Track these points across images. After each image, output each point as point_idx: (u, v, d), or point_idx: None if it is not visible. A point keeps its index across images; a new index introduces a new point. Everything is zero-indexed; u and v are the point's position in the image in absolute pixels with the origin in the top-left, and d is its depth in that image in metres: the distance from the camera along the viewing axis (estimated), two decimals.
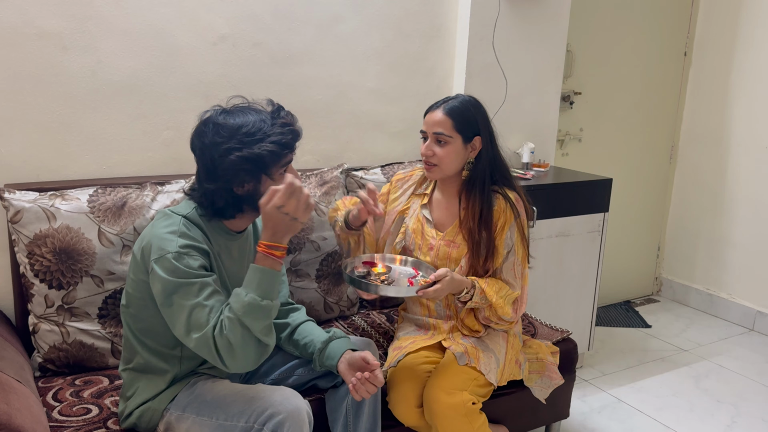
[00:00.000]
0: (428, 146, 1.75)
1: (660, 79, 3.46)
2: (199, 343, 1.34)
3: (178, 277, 1.35)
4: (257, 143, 1.38)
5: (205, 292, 1.35)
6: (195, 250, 1.39)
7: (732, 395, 2.66)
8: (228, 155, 1.37)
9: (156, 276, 1.36)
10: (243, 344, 1.32)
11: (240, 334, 1.32)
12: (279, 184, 1.36)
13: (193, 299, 1.34)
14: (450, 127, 1.71)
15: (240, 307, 1.32)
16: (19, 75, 1.82)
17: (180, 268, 1.35)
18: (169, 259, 1.35)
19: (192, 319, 1.34)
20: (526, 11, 2.62)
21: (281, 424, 1.34)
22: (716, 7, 3.38)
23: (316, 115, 2.32)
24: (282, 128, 1.41)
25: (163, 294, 1.36)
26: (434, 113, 1.74)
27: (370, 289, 1.60)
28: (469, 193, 1.77)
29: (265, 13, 2.15)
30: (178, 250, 1.36)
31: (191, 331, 1.34)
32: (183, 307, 1.34)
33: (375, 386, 1.49)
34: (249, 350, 1.34)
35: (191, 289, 1.35)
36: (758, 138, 3.25)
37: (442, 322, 1.84)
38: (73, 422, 1.52)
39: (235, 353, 1.32)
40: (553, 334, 2.10)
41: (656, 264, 3.80)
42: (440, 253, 1.79)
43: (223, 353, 1.32)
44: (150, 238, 1.41)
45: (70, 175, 1.95)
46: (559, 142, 3.16)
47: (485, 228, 1.74)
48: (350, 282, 1.64)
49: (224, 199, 1.42)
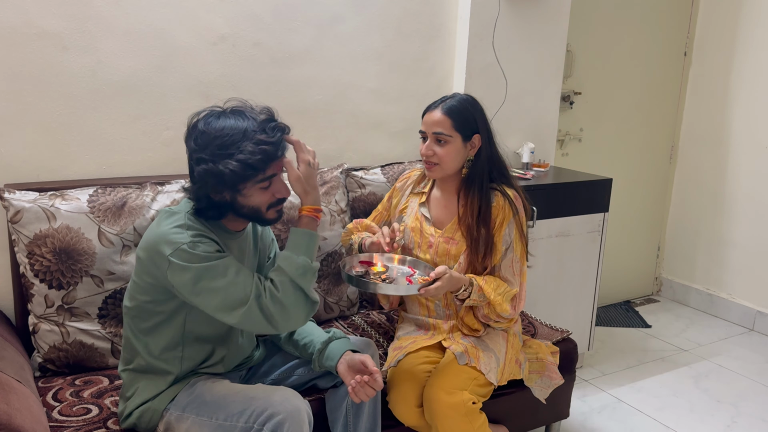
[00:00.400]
0: (428, 146, 1.75)
1: (660, 79, 3.46)
2: (244, 318, 1.37)
3: (199, 262, 1.36)
4: (225, 159, 1.36)
5: (231, 271, 1.37)
6: (206, 238, 1.40)
7: (732, 395, 2.66)
8: (198, 165, 1.38)
9: (176, 268, 1.36)
10: (296, 304, 1.39)
11: (293, 295, 1.39)
12: (258, 196, 1.42)
13: (222, 280, 1.36)
14: (449, 127, 1.72)
15: (294, 269, 1.40)
16: (19, 75, 1.82)
17: (197, 254, 1.36)
18: (185, 249, 1.36)
19: (229, 300, 1.36)
20: (526, 11, 2.62)
21: (281, 425, 1.34)
22: (716, 7, 3.38)
23: (316, 115, 2.32)
24: (256, 146, 1.36)
25: (190, 284, 1.36)
26: (433, 113, 1.74)
27: (369, 288, 1.60)
28: (468, 190, 1.78)
29: (265, 13, 2.15)
30: (191, 239, 1.37)
31: (234, 310, 1.37)
32: (214, 290, 1.36)
33: (374, 389, 1.49)
34: (300, 309, 1.41)
35: (216, 270, 1.36)
36: (758, 138, 3.25)
37: (442, 322, 1.84)
38: (73, 422, 1.52)
39: (289, 314, 1.38)
40: (553, 334, 2.10)
41: (656, 264, 3.80)
42: (439, 250, 1.80)
43: (277, 316, 1.37)
44: (156, 237, 1.40)
45: (70, 175, 1.95)
46: (559, 142, 3.16)
47: (484, 225, 1.74)
48: (348, 281, 1.64)
49: (204, 202, 1.43)
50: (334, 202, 2.14)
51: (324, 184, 2.14)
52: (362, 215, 2.23)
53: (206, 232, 1.42)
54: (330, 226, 2.11)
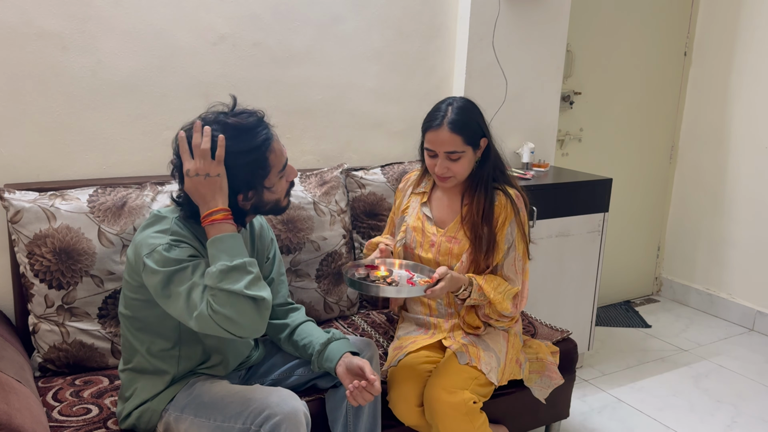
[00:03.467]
0: (442, 165, 1.74)
1: (660, 79, 3.46)
2: (201, 323, 1.31)
3: (171, 266, 1.35)
4: (246, 162, 1.40)
5: (198, 272, 1.35)
6: (185, 243, 1.39)
7: (732, 395, 2.66)
8: None
9: (149, 270, 1.36)
10: (238, 311, 1.29)
11: (229, 302, 1.29)
12: (280, 185, 1.42)
13: (188, 282, 1.34)
14: (460, 143, 1.71)
15: (214, 278, 1.30)
16: (19, 75, 1.82)
17: (171, 258, 1.35)
18: (159, 251, 1.35)
19: (191, 301, 1.33)
20: (526, 11, 2.62)
21: (278, 426, 1.34)
22: (716, 7, 3.38)
23: (316, 115, 2.32)
24: (261, 138, 1.41)
25: (159, 286, 1.36)
26: (439, 133, 1.71)
27: (372, 291, 1.60)
28: (473, 190, 1.79)
29: (265, 13, 2.15)
30: (168, 242, 1.37)
31: (192, 312, 1.32)
32: (179, 294, 1.34)
33: (372, 394, 1.48)
34: (247, 314, 1.30)
35: (185, 273, 1.35)
36: (758, 138, 3.25)
37: (443, 321, 1.85)
38: (73, 422, 1.52)
39: (237, 322, 1.29)
40: (553, 334, 2.10)
41: (656, 264, 3.80)
42: (442, 249, 1.80)
43: (227, 326, 1.30)
44: (140, 239, 1.41)
45: (70, 175, 1.95)
46: (559, 142, 3.16)
47: (487, 224, 1.75)
48: (351, 285, 1.63)
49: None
50: (334, 202, 2.14)
51: (324, 184, 2.14)
52: (362, 215, 2.23)
53: (189, 239, 1.41)
54: (330, 226, 2.11)
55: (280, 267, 1.74)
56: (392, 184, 2.27)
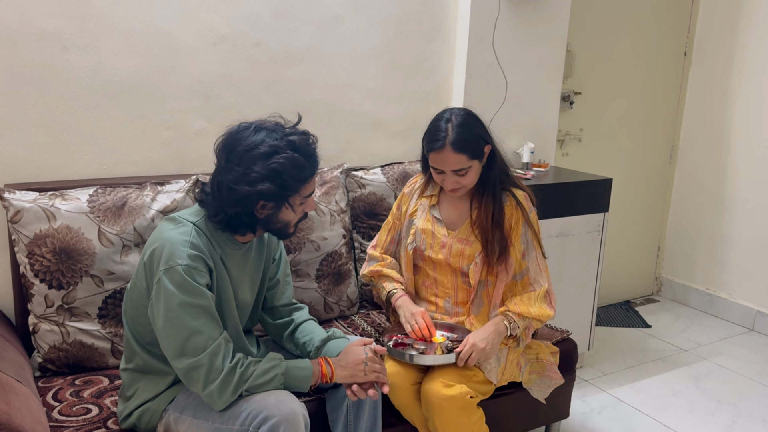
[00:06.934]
0: (451, 181, 1.74)
1: (660, 79, 3.46)
2: (189, 366, 1.37)
3: (185, 292, 1.36)
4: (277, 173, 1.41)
5: (202, 318, 1.38)
6: (203, 265, 1.41)
7: (732, 395, 2.66)
8: (248, 183, 1.39)
9: (162, 286, 1.37)
10: (234, 390, 1.39)
11: (246, 386, 1.41)
12: (299, 210, 1.49)
13: (193, 322, 1.36)
14: (466, 160, 1.71)
15: (267, 374, 1.43)
16: (19, 75, 1.82)
17: (188, 281, 1.37)
18: (179, 271, 1.36)
19: (189, 344, 1.36)
20: (526, 11, 2.62)
21: (276, 428, 1.34)
22: (716, 7, 3.38)
23: (316, 115, 2.32)
24: (304, 159, 1.44)
25: (164, 307, 1.36)
26: (443, 154, 1.70)
27: (413, 359, 1.67)
28: (482, 194, 1.80)
29: (265, 13, 2.15)
30: (188, 263, 1.37)
31: (184, 355, 1.37)
32: (181, 327, 1.36)
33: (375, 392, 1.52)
34: (228, 393, 1.39)
35: (191, 310, 1.37)
36: (758, 138, 3.25)
37: (448, 318, 1.86)
38: (73, 422, 1.52)
39: (224, 391, 1.38)
40: (553, 334, 2.10)
41: (656, 264, 3.80)
42: (453, 251, 1.80)
43: (217, 382, 1.37)
44: (162, 241, 1.40)
45: (70, 175, 1.95)
46: (559, 142, 3.16)
47: (497, 227, 1.76)
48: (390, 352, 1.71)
49: (222, 215, 1.44)
50: (334, 202, 2.14)
51: (324, 184, 2.14)
52: (362, 215, 2.23)
53: (206, 254, 1.42)
54: (330, 226, 2.11)
55: (285, 268, 1.75)
56: (392, 184, 2.27)
